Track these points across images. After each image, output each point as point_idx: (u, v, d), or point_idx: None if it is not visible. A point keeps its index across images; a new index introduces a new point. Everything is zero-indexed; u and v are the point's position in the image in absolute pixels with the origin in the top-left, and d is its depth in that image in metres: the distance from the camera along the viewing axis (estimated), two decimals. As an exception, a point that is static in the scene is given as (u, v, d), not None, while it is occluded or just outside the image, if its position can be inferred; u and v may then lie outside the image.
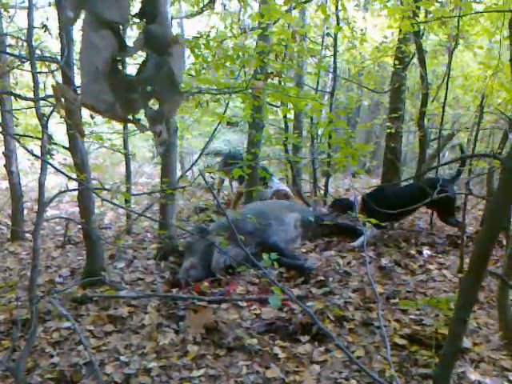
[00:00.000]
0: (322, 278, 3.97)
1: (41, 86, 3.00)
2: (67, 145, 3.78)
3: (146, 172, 11.88)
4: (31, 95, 4.64)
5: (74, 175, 3.63)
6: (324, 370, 2.65)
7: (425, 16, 5.65)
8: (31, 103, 3.87)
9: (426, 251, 4.58)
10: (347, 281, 3.95)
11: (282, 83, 4.79)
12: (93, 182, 4.35)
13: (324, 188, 7.06)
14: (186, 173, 6.34)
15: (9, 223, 5.90)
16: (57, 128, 5.97)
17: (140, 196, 7.82)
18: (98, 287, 3.94)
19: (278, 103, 6.70)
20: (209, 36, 3.82)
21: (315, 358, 2.77)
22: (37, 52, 5.00)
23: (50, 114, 2.79)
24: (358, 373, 2.59)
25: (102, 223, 6.51)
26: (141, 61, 1.49)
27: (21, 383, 2.31)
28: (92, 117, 5.15)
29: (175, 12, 7.97)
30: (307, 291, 3.75)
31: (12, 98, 5.58)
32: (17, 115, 6.19)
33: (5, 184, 7.73)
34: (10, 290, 4.08)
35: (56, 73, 4.75)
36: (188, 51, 3.74)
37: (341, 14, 6.49)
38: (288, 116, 7.40)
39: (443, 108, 5.78)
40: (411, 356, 2.70)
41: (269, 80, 3.92)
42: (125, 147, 5.88)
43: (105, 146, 6.02)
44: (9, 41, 5.57)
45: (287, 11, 5.30)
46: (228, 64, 3.69)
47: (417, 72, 7.89)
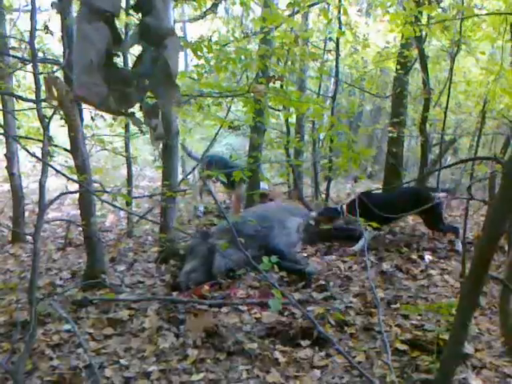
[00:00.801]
0: (323, 283, 3.96)
1: (42, 88, 3.00)
2: (69, 147, 3.78)
3: (148, 175, 11.87)
4: (33, 97, 4.64)
5: (76, 178, 3.63)
6: (324, 375, 2.63)
7: (427, 21, 5.65)
8: (33, 105, 3.88)
9: (428, 256, 4.57)
10: (348, 285, 3.94)
11: (284, 87, 4.80)
12: (94, 185, 4.35)
13: (325, 192, 7.05)
14: (188, 176, 6.33)
15: (10, 225, 5.89)
16: (59, 131, 5.98)
17: (141, 199, 7.82)
18: (99, 290, 3.93)
19: (280, 107, 6.71)
20: (211, 40, 3.82)
21: (316, 363, 2.75)
22: (39, 54, 5.01)
23: (52, 116, 2.80)
24: (359, 378, 2.58)
25: (103, 226, 6.50)
26: (137, 54, 1.49)
27: (20, 386, 2.30)
28: (93, 119, 5.16)
29: (178, 16, 8.00)
30: (308, 295, 3.74)
31: (14, 100, 5.59)
32: (19, 118, 6.21)
33: (6, 186, 7.72)
34: (11, 292, 4.08)
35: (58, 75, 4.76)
36: (190, 54, 3.75)
37: (343, 19, 6.49)
38: (290, 120, 7.40)
39: (445, 113, 5.78)
40: (412, 361, 2.69)
41: (270, 84, 3.92)
42: (126, 150, 5.87)
43: (106, 149, 6.01)
44: (12, 43, 5.59)
45: (290, 16, 5.30)
46: (230, 67, 3.69)
47: (419, 77, 7.89)
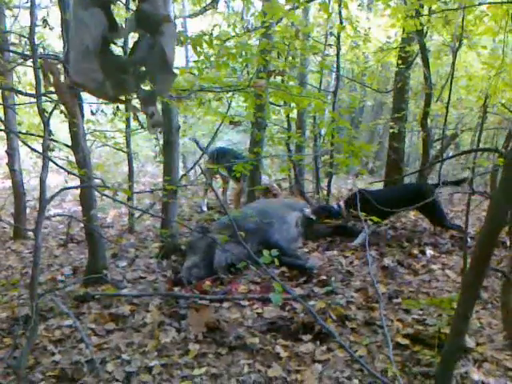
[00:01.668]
0: (325, 278, 3.96)
1: (42, 83, 3.00)
2: (70, 144, 3.78)
3: (149, 171, 11.89)
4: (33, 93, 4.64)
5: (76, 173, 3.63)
6: (326, 369, 2.63)
7: (428, 12, 5.62)
8: (33, 102, 3.87)
9: (429, 251, 4.56)
10: (350, 280, 3.94)
11: (285, 82, 4.78)
12: (95, 181, 4.35)
13: (327, 188, 7.04)
14: (189, 172, 6.33)
15: (11, 221, 5.90)
16: (60, 127, 5.98)
17: (142, 195, 7.82)
18: (100, 285, 3.94)
19: (281, 103, 6.69)
20: (212, 35, 3.81)
21: (317, 357, 2.76)
22: (39, 50, 5.00)
23: (52, 111, 2.79)
24: (360, 372, 2.58)
25: (105, 222, 6.51)
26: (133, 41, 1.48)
27: (22, 381, 2.31)
28: (93, 113, 5.15)
29: (178, 11, 7.98)
30: (309, 290, 3.74)
31: (15, 97, 5.59)
32: (20, 114, 6.20)
33: (7, 183, 7.74)
34: (12, 288, 4.09)
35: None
36: (191, 50, 3.74)
37: (344, 13, 6.47)
38: (291, 115, 7.39)
39: (447, 108, 5.75)
40: (414, 356, 2.69)
41: (271, 78, 3.90)
42: (127, 146, 5.87)
43: (107, 145, 6.02)
44: (12, 39, 5.59)
45: (290, 10, 5.28)
46: (230, 62, 3.68)
47: (420, 72, 7.87)
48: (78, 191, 3.95)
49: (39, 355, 2.88)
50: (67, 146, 3.87)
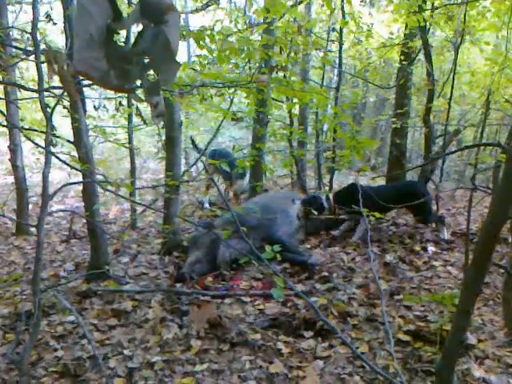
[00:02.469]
0: (326, 274, 3.96)
1: (45, 78, 3.00)
2: (72, 139, 3.78)
3: (151, 168, 11.89)
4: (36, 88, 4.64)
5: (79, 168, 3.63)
6: (327, 366, 2.64)
7: (431, 9, 5.60)
8: (36, 97, 3.87)
9: (431, 248, 4.56)
10: (351, 277, 3.94)
11: (288, 77, 4.77)
12: (98, 177, 4.35)
13: (329, 184, 7.04)
14: (191, 168, 6.33)
15: (14, 217, 5.91)
16: (63, 124, 5.98)
17: (144, 191, 7.83)
18: (102, 281, 3.95)
19: (283, 98, 6.68)
20: (214, 30, 3.80)
21: (319, 354, 2.76)
22: (41, 45, 5.00)
23: (55, 106, 2.79)
24: (362, 368, 2.58)
25: (107, 218, 6.52)
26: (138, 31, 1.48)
27: (25, 376, 2.32)
28: (95, 108, 5.14)
29: (180, 7, 7.95)
30: (311, 287, 3.74)
31: (17, 92, 5.59)
32: (22, 110, 6.20)
33: (10, 178, 7.75)
34: (15, 284, 4.10)
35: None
36: (193, 45, 3.73)
37: (346, 9, 6.45)
38: (293, 111, 7.38)
39: (449, 104, 5.75)
40: (415, 352, 2.69)
41: (273, 74, 3.89)
42: (129, 142, 5.87)
43: (109, 140, 6.02)
44: (14, 35, 5.59)
45: (293, 6, 5.26)
46: (232, 57, 3.67)
47: (423, 68, 7.84)
48: (81, 187, 3.96)
49: (42, 351, 2.90)
50: (70, 142, 3.87)
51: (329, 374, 2.56)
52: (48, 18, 4.37)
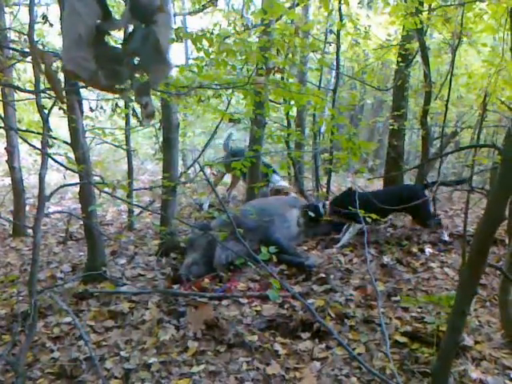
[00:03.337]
0: (324, 276, 3.96)
1: (42, 80, 3.00)
2: (69, 141, 3.78)
3: (149, 169, 11.88)
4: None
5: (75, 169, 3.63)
6: (324, 367, 2.64)
7: (428, 11, 5.62)
8: (33, 98, 3.87)
9: (428, 249, 4.56)
10: (348, 278, 3.94)
11: (285, 79, 4.77)
12: (95, 178, 4.35)
13: (326, 186, 7.04)
14: (189, 170, 6.32)
15: (11, 219, 5.90)
16: (60, 125, 5.97)
17: (141, 192, 7.82)
18: (99, 283, 3.94)
19: (280, 100, 6.68)
20: (212, 33, 3.79)
21: (316, 355, 2.76)
22: (38, 46, 5.00)
23: (51, 108, 2.79)
24: (359, 370, 2.58)
25: (104, 219, 6.51)
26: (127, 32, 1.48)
27: (21, 377, 2.31)
28: (92, 109, 5.14)
29: (178, 9, 7.96)
30: (308, 288, 3.74)
31: (14, 94, 5.58)
32: (19, 111, 6.19)
33: (7, 180, 7.74)
34: (11, 285, 4.09)
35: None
36: (191, 47, 3.74)
37: (344, 10, 6.45)
38: (290, 113, 7.37)
39: (446, 106, 5.75)
40: (412, 353, 2.69)
41: (270, 76, 3.89)
42: (127, 143, 5.87)
43: (106, 142, 6.01)
44: (11, 36, 5.58)
45: (290, 8, 5.27)
46: (229, 59, 3.67)
47: (420, 70, 7.86)
48: (78, 189, 3.95)
49: (38, 352, 2.89)
50: (66, 143, 3.87)
51: (326, 376, 2.56)
52: (45, 20, 4.36)
